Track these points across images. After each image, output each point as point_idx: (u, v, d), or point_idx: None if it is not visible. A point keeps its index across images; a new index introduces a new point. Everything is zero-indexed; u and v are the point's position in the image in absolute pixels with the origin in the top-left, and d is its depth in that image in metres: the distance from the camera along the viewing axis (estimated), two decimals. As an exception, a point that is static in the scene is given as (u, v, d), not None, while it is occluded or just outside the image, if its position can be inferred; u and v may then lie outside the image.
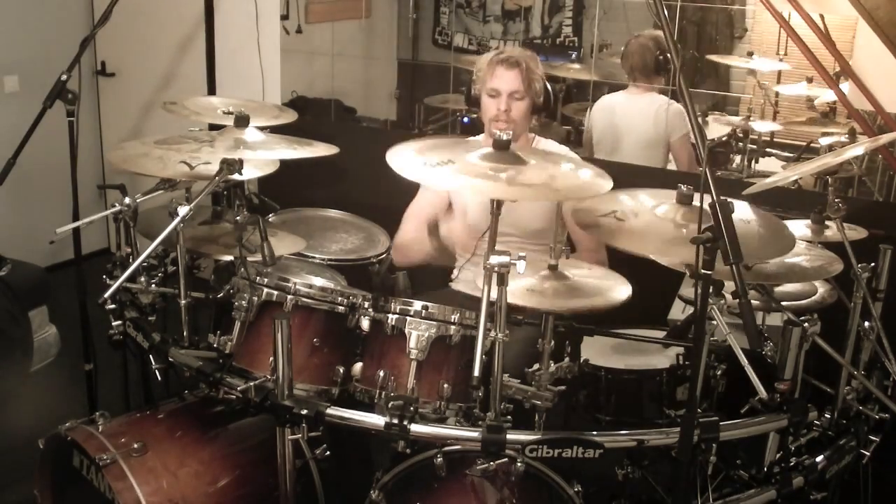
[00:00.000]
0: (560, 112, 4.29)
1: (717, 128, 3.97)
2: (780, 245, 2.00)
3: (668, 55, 2.95)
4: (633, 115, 3.68)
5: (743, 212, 2.01)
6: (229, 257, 2.33)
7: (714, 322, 1.74)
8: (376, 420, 1.91)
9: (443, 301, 2.07)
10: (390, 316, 2.02)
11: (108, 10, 2.83)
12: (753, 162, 3.85)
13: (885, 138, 2.45)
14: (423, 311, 2.00)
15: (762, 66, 3.97)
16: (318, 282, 2.51)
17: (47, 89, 2.70)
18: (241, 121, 2.26)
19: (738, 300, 1.61)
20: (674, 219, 1.96)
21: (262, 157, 2.39)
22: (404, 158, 1.97)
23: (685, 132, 3.55)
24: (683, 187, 1.99)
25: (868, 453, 2.21)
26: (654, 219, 1.98)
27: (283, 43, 4.20)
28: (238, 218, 2.15)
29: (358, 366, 2.05)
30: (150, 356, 2.26)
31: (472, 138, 2.91)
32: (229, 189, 2.51)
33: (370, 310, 2.05)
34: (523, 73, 2.68)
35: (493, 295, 1.81)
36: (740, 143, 3.82)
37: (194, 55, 4.31)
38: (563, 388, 2.02)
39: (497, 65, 2.72)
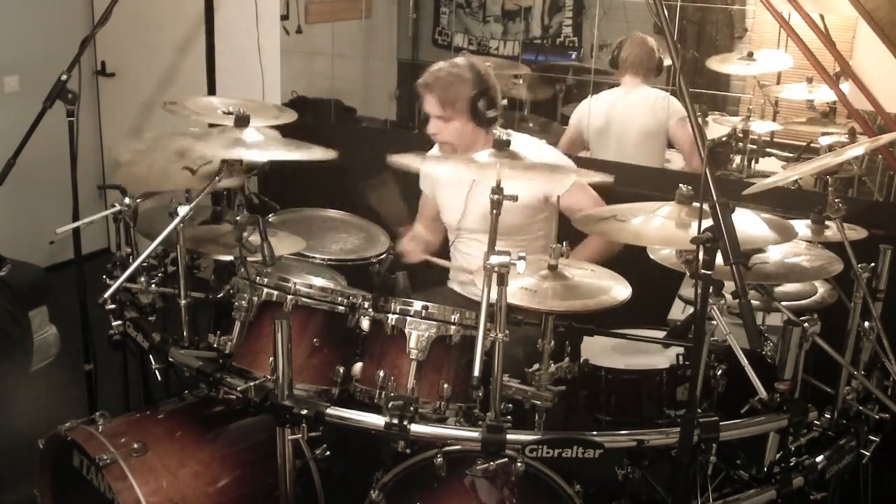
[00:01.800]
0: (560, 112, 4.29)
1: (717, 128, 3.96)
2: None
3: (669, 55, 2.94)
4: (632, 109, 3.70)
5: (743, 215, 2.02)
6: (229, 257, 2.33)
7: (714, 322, 1.74)
8: (376, 420, 1.90)
9: (439, 300, 2.07)
10: (390, 316, 2.02)
11: (108, 11, 2.82)
12: (753, 162, 3.85)
13: (885, 138, 2.45)
14: (423, 311, 2.00)
15: (764, 65, 3.95)
16: (318, 282, 2.51)
17: (47, 89, 2.69)
18: (241, 121, 2.26)
19: (738, 300, 1.61)
20: (676, 217, 1.97)
21: (255, 157, 2.38)
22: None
23: (683, 114, 3.56)
24: (683, 188, 1.99)
25: (868, 453, 2.21)
26: (654, 217, 1.99)
27: (283, 43, 4.20)
28: (238, 218, 2.15)
29: (358, 366, 2.05)
30: (150, 356, 2.26)
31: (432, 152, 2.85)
32: (229, 189, 2.51)
33: (370, 310, 2.05)
34: (437, 98, 2.57)
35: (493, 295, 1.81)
36: (740, 144, 3.81)
37: (194, 55, 4.31)
38: (563, 388, 2.02)
39: (418, 87, 2.62)
